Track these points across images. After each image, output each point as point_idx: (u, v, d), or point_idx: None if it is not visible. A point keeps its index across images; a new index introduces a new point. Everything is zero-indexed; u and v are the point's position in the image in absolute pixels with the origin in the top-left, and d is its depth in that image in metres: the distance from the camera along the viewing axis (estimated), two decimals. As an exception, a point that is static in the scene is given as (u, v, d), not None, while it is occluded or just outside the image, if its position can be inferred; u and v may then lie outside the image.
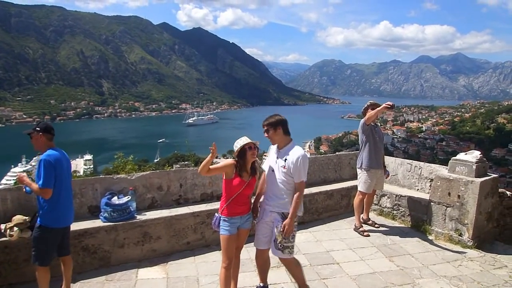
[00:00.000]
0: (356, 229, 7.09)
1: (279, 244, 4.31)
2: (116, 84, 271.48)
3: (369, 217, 7.53)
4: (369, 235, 6.87)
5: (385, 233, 7.05)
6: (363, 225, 7.15)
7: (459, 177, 6.52)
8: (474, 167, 6.43)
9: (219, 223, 4.27)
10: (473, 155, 6.64)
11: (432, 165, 7.79)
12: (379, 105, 6.82)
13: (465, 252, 6.18)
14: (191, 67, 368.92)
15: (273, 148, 4.48)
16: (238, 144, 4.21)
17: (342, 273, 5.44)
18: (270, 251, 4.49)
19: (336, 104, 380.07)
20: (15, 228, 4.55)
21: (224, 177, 4.29)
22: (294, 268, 4.57)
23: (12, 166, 70.72)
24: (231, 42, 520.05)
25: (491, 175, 6.64)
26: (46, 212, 4.20)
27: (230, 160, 4.28)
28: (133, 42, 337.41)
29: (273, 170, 4.36)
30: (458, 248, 6.34)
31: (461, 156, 6.80)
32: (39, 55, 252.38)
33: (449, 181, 6.62)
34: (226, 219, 4.24)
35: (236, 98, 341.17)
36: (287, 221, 4.21)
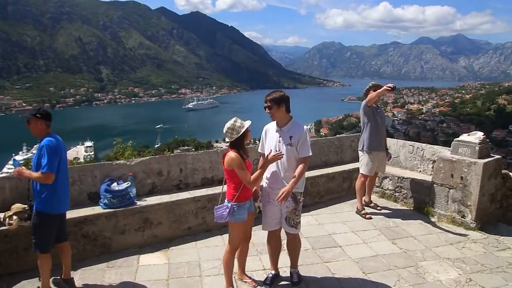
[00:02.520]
0: (358, 212, 7.04)
1: (292, 222, 4.36)
2: (115, 70, 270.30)
3: (371, 199, 7.47)
4: (371, 218, 6.83)
5: (387, 215, 7.00)
6: (365, 207, 7.10)
7: (462, 158, 6.45)
8: (477, 148, 6.35)
9: (232, 212, 4.11)
10: (476, 136, 6.56)
11: (435, 146, 7.72)
12: (381, 87, 6.71)
13: (468, 234, 6.14)
14: (189, 51, 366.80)
15: (271, 129, 4.38)
16: (237, 126, 4.05)
17: (345, 256, 5.40)
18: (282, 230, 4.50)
19: (336, 87, 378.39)
20: (14, 217, 4.49)
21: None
22: (298, 242, 4.60)
23: (13, 154, 70.76)
24: (229, 25, 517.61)
25: (494, 156, 6.57)
26: (45, 198, 4.15)
27: (233, 155, 4.05)
28: (131, 28, 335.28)
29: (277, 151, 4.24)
30: (461, 230, 6.29)
31: (464, 137, 6.71)
32: (37, 42, 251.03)
33: (452, 163, 6.55)
34: (241, 205, 4.16)
35: (236, 82, 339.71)
36: (285, 188, 4.13)
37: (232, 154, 4.05)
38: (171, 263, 5.16)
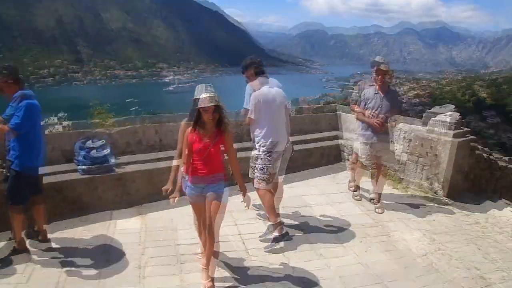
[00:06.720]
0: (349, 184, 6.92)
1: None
2: (95, 49, 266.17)
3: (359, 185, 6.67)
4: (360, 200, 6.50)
5: (364, 190, 6.98)
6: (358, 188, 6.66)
7: (437, 136, 6.61)
8: (452, 127, 6.52)
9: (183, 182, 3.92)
10: (452, 116, 6.69)
11: (412, 126, 7.74)
12: (383, 72, 5.64)
13: (439, 208, 6.30)
14: (172, 32, 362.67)
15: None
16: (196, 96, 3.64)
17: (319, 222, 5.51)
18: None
19: (318, 74, 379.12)
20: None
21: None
22: (262, 195, 4.88)
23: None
24: (210, 1, 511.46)
25: (468, 137, 6.76)
26: (20, 155, 4.14)
27: (182, 125, 4.09)
28: (112, 6, 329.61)
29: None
30: (433, 203, 6.45)
31: (440, 116, 6.81)
32: (16, 20, 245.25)
33: (428, 140, 6.71)
34: (189, 178, 3.78)
35: (218, 64, 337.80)
36: None
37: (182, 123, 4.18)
38: (148, 227, 5.20)
